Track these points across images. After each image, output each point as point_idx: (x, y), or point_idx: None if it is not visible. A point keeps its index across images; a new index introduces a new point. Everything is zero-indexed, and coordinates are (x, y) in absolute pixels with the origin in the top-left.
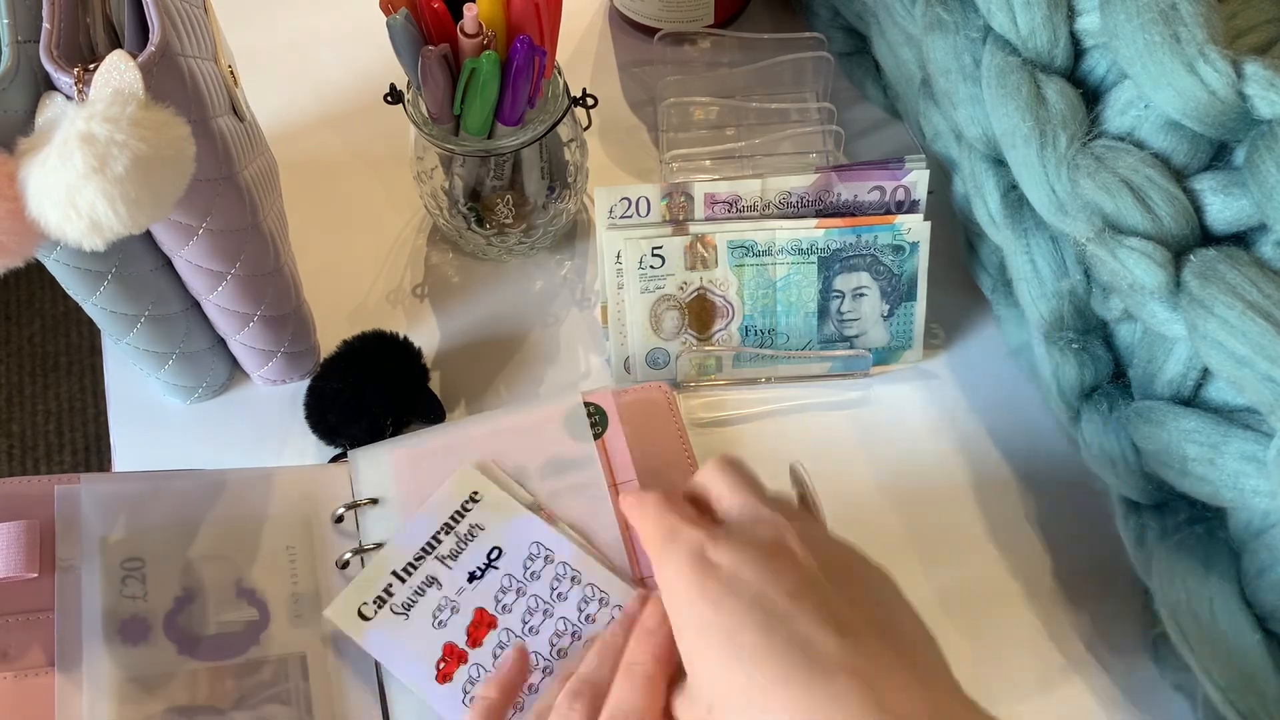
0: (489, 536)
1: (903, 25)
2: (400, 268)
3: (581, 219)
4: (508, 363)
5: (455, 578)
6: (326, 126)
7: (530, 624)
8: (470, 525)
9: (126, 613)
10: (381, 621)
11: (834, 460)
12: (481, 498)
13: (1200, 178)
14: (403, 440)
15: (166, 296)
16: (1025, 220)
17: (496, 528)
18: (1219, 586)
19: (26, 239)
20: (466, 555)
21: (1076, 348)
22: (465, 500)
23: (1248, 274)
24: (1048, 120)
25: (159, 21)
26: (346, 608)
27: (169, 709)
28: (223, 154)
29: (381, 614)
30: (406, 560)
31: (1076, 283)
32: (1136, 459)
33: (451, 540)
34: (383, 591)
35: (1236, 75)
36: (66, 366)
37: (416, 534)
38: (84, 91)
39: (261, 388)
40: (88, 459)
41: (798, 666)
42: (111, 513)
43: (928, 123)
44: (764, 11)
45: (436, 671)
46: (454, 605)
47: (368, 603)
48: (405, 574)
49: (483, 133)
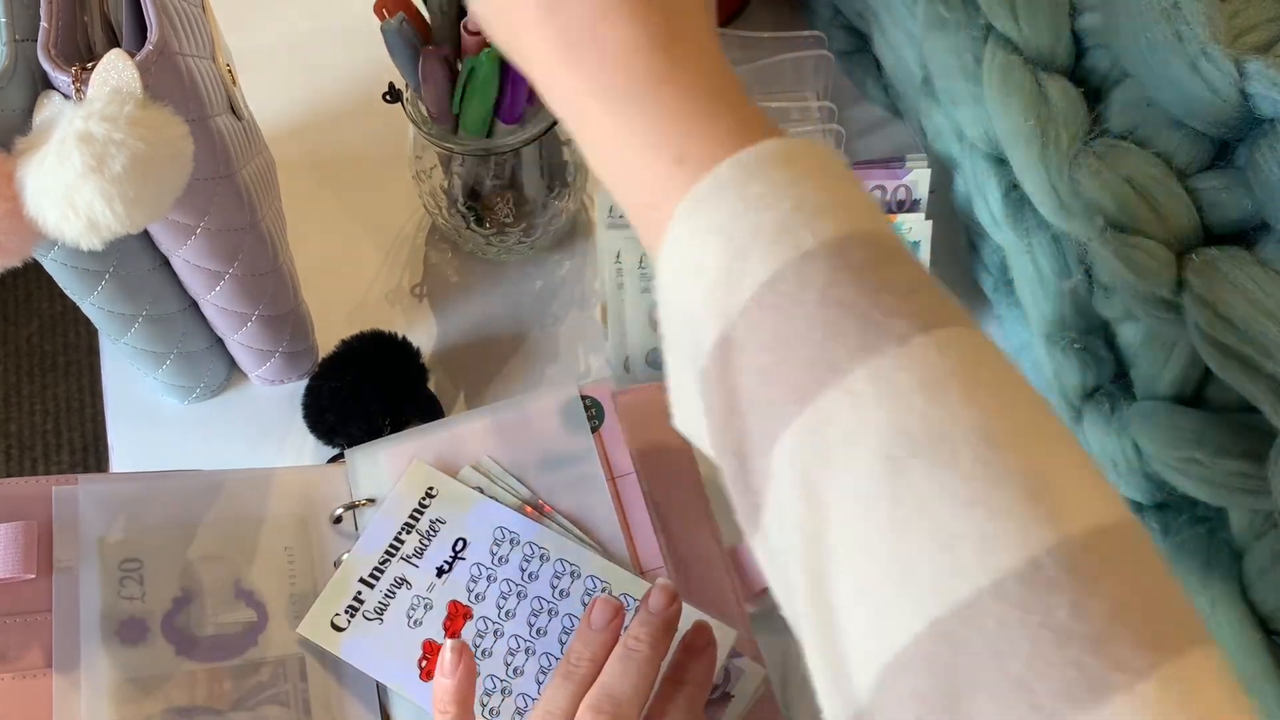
0: (451, 529)
1: (904, 24)
2: (399, 267)
3: (581, 218)
4: (507, 362)
5: (424, 575)
6: (325, 125)
7: (505, 608)
8: (431, 521)
9: (124, 613)
10: (356, 630)
11: None
12: (437, 492)
13: (1202, 177)
14: (399, 439)
15: (164, 296)
16: (1027, 220)
17: (458, 519)
18: (1220, 587)
19: (24, 238)
20: (432, 551)
21: (1078, 348)
22: (421, 497)
23: (1249, 273)
24: (1049, 119)
25: (157, 20)
26: (318, 621)
27: (167, 710)
28: (221, 153)
29: (355, 622)
30: (372, 565)
31: (1078, 282)
32: (1138, 459)
33: (414, 539)
34: (353, 600)
35: (1239, 74)
36: (64, 366)
37: (378, 538)
38: (82, 90)
39: (260, 387)
40: (85, 459)
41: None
42: (109, 513)
43: (929, 122)
44: (764, 10)
45: (420, 670)
46: (427, 602)
47: (339, 613)
48: (373, 579)
49: (482, 132)
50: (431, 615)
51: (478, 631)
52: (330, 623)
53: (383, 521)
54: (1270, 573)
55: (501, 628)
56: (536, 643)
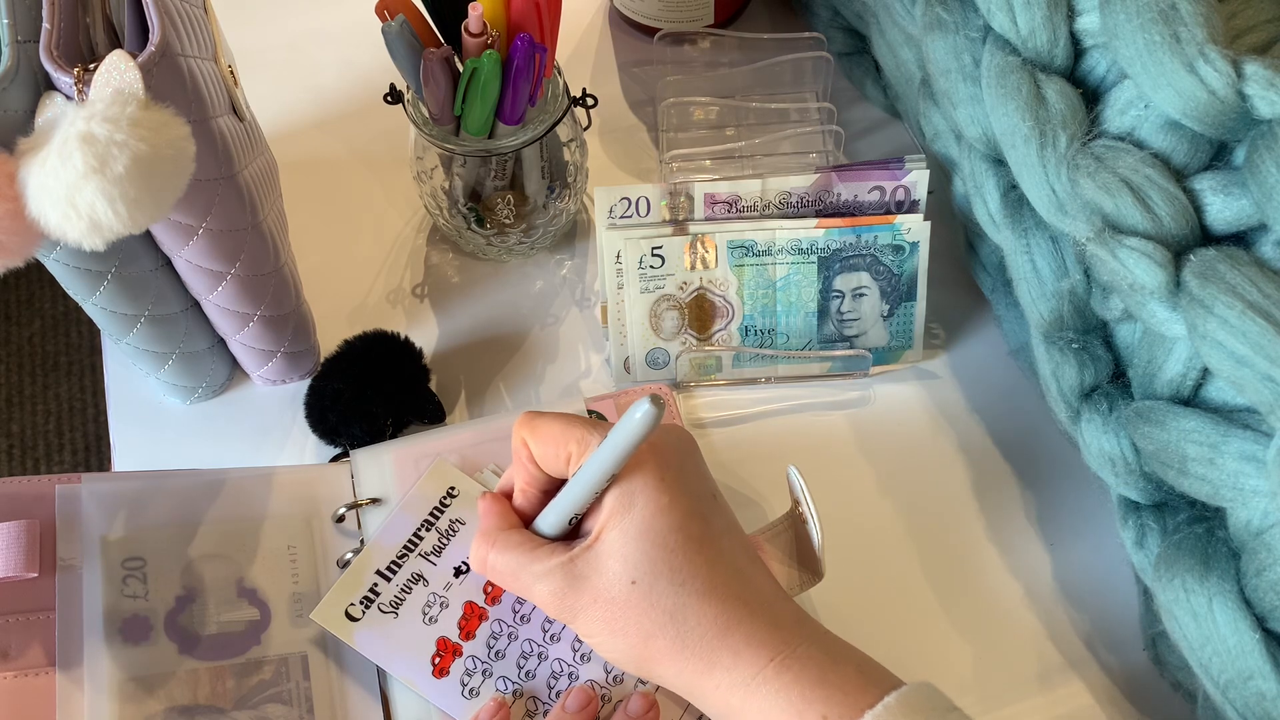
0: (470, 530)
1: (902, 25)
2: (400, 267)
3: (581, 219)
4: (508, 363)
5: (441, 573)
6: (326, 126)
7: (521, 612)
8: (451, 521)
9: (127, 612)
10: (370, 621)
11: (834, 460)
12: (458, 492)
13: (1200, 177)
14: (404, 441)
15: (166, 296)
16: (1025, 220)
17: (477, 521)
18: (1218, 586)
19: (26, 239)
20: (450, 550)
21: (1076, 348)
22: (443, 496)
23: (1248, 274)
24: (1047, 120)
25: (159, 21)
26: (333, 609)
27: (170, 708)
28: (223, 154)
29: (370, 614)
30: (390, 559)
31: (1076, 283)
32: (1136, 459)
33: (433, 536)
34: (369, 591)
35: (1236, 75)
36: (66, 366)
37: (397, 532)
38: (84, 91)
39: (261, 388)
40: (88, 459)
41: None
42: (112, 512)
43: (927, 122)
44: (764, 11)
45: (433, 666)
46: (443, 600)
47: (354, 603)
48: (390, 572)
49: (483, 132)
50: (447, 614)
51: (492, 633)
52: (345, 612)
53: (402, 516)
54: (1268, 572)
55: (516, 631)
56: (549, 648)
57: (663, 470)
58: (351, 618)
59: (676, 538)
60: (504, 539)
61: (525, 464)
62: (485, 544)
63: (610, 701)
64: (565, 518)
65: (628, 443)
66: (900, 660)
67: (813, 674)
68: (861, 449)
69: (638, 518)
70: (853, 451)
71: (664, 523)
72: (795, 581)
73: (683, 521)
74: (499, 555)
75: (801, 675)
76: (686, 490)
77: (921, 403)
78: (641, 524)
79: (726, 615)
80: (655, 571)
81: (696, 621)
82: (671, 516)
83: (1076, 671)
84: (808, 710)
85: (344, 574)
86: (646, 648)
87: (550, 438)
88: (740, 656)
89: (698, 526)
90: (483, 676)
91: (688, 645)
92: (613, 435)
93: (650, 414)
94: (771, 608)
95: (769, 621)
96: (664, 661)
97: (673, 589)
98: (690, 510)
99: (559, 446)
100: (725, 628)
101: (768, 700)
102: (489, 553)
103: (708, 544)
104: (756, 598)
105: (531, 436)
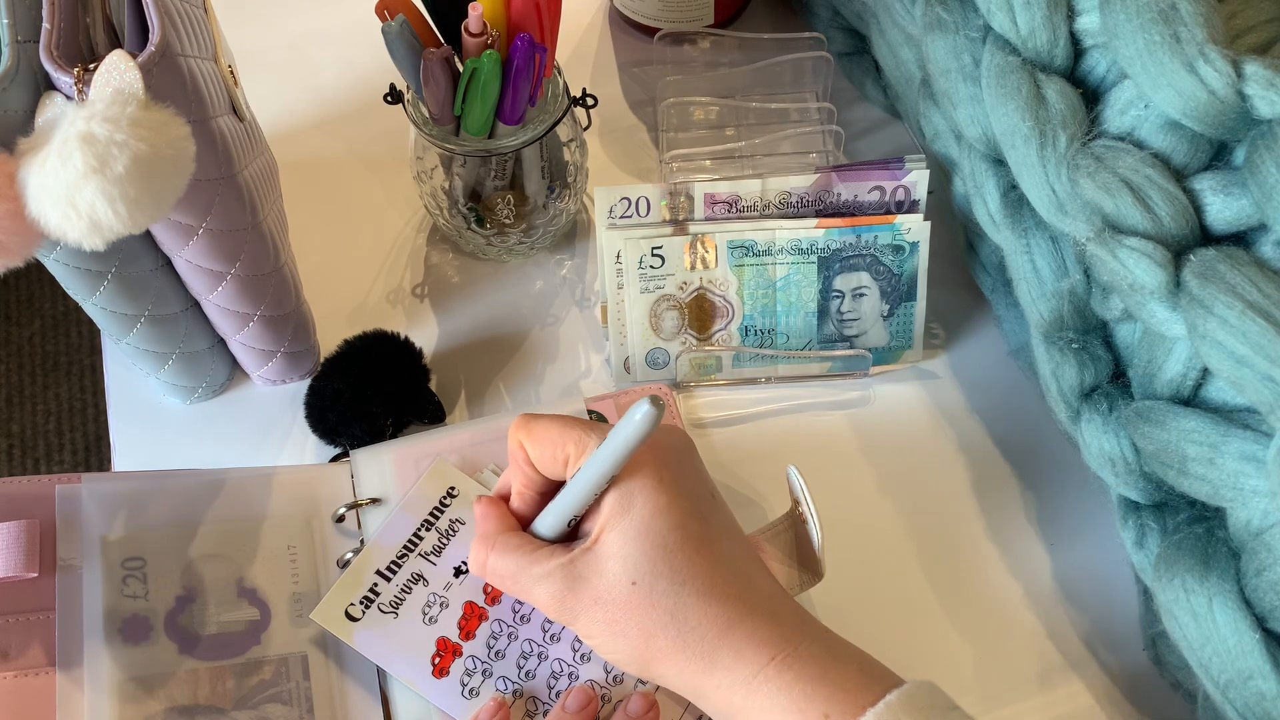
0: (470, 530)
1: (902, 25)
2: (400, 267)
3: (581, 219)
4: (508, 362)
5: (441, 573)
6: (326, 126)
7: (521, 612)
8: (451, 521)
9: (128, 612)
10: (370, 621)
11: (834, 460)
12: (458, 492)
13: (1200, 177)
14: (404, 441)
15: (166, 296)
16: (1025, 220)
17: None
18: (1218, 586)
19: (26, 239)
20: (450, 550)
21: (1076, 348)
22: (443, 496)
23: (1247, 274)
24: (1047, 120)
25: (159, 21)
26: (333, 609)
27: (170, 708)
28: (223, 154)
29: (370, 613)
30: (390, 559)
31: (1076, 283)
32: (1136, 459)
33: (433, 536)
34: (369, 591)
35: (1236, 75)
36: (66, 366)
37: (397, 532)
38: (84, 91)
39: (261, 388)
40: (88, 459)
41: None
42: (112, 512)
43: (927, 123)
44: (764, 11)
45: (433, 666)
46: (443, 600)
47: (354, 603)
48: (389, 572)
49: (483, 133)
50: (447, 614)
51: (492, 633)
52: (345, 612)
53: (402, 516)
54: (1268, 572)
55: (516, 631)
56: (549, 648)
57: (661, 471)
58: (351, 618)
59: (676, 538)
60: (503, 542)
61: (522, 467)
62: (484, 547)
63: (610, 701)
64: (564, 520)
65: (628, 444)
66: (900, 660)
67: (814, 672)
68: (861, 449)
69: (637, 518)
70: (853, 451)
71: (663, 523)
72: (795, 581)
73: (682, 521)
74: (498, 558)
75: (803, 673)
76: (685, 490)
77: (921, 403)
78: (641, 525)
79: (727, 614)
80: (655, 572)
81: (697, 621)
82: (671, 517)
83: (1076, 671)
84: (809, 708)
85: (344, 574)
86: (648, 648)
87: (547, 440)
88: (741, 655)
89: (697, 526)
90: (483, 676)
91: (689, 645)
92: (612, 437)
93: (650, 415)
94: (772, 606)
95: (770, 620)
96: (665, 661)
97: (673, 589)
98: (689, 510)
99: (556, 449)
100: (726, 627)
101: (769, 699)
102: (488, 556)
103: (707, 544)
104: (757, 597)
105: (528, 439)
